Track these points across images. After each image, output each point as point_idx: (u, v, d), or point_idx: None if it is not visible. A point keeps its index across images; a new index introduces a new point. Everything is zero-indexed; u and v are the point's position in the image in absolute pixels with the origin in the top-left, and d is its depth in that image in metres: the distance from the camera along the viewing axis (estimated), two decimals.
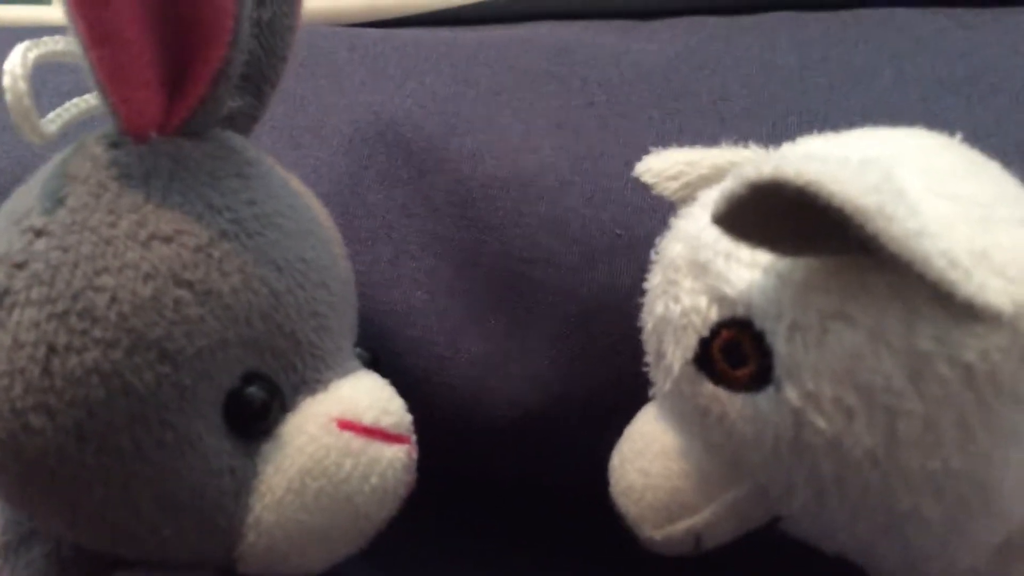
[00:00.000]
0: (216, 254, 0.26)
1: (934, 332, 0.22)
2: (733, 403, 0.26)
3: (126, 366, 0.24)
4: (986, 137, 0.38)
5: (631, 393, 0.32)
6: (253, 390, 0.27)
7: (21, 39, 0.28)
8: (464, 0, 0.49)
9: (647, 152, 0.33)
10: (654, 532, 0.28)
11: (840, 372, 0.23)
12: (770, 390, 0.25)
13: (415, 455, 0.30)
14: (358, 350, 0.31)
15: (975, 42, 0.43)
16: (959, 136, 0.28)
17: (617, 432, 0.32)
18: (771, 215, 0.23)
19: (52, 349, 0.24)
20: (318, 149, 0.41)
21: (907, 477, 0.23)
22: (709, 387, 0.26)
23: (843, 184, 0.21)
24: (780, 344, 0.24)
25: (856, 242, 0.22)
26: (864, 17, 0.46)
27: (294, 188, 0.30)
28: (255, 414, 0.27)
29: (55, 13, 0.53)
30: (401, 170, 0.40)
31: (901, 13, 0.46)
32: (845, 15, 0.46)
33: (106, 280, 0.25)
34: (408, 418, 0.30)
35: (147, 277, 0.25)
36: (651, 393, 0.30)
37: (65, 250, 0.25)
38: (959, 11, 0.45)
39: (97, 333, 0.24)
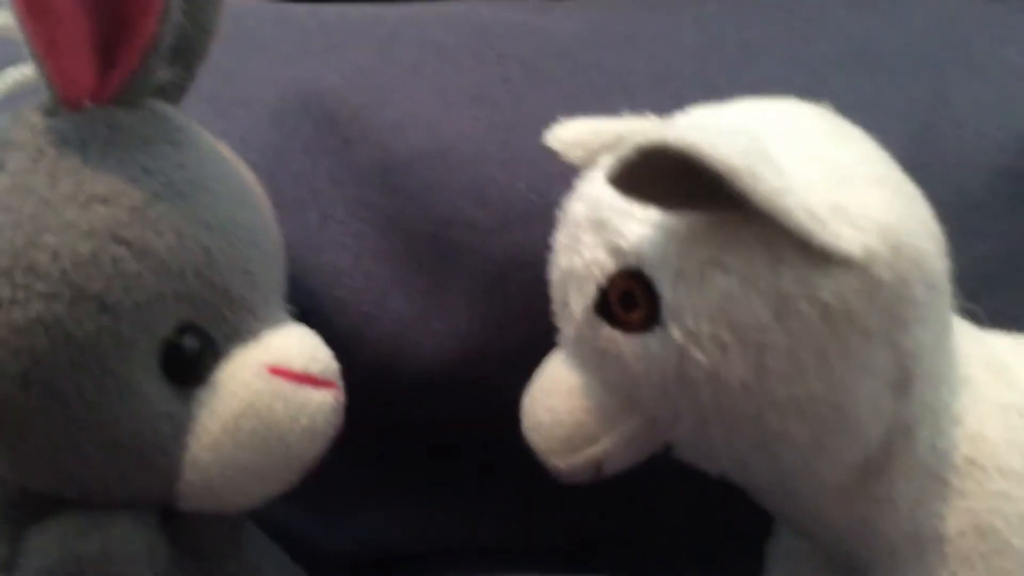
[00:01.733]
0: (151, 214, 0.28)
1: (796, 276, 0.26)
2: (628, 344, 0.29)
3: (68, 317, 0.26)
4: (871, 109, 0.41)
5: (543, 343, 0.35)
6: (187, 340, 0.29)
7: None
8: None
9: (558, 123, 0.36)
10: (560, 461, 0.31)
11: (716, 312, 0.26)
12: (658, 331, 0.28)
13: (342, 399, 0.32)
14: (288, 307, 0.33)
15: (860, 21, 0.46)
16: (834, 108, 0.31)
17: (529, 378, 0.34)
18: (658, 176, 0.26)
19: None
20: (245, 120, 0.42)
21: (775, 403, 0.27)
22: (607, 330, 0.29)
23: (717, 148, 0.24)
24: (666, 290, 0.27)
25: (730, 199, 0.25)
26: None
27: (224, 154, 0.32)
28: (190, 362, 0.29)
29: None
30: (327, 140, 0.42)
31: None
32: None
33: (48, 238, 0.26)
34: (335, 365, 0.32)
35: (86, 235, 0.27)
36: (558, 339, 0.33)
37: (8, 211, 0.27)
38: None
39: (40, 287, 0.26)
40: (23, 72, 0.30)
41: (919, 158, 0.31)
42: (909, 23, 0.46)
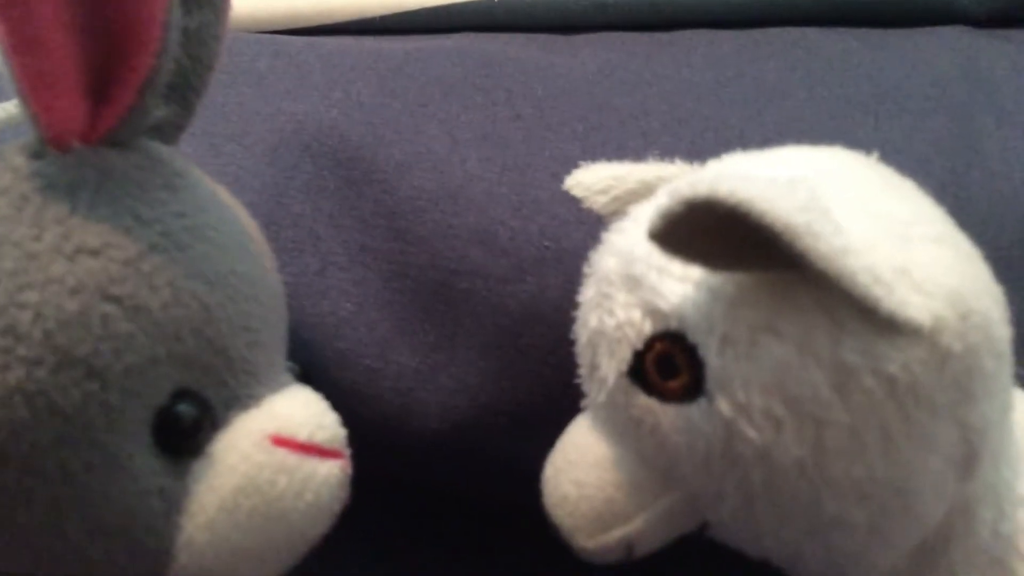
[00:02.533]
0: (145, 268, 0.25)
1: (859, 345, 0.23)
2: (666, 414, 0.26)
3: (52, 385, 0.24)
4: (893, 153, 0.39)
5: (559, 403, 0.32)
6: (183, 407, 0.26)
7: None
8: (387, 9, 0.48)
9: (573, 164, 0.34)
10: (587, 542, 0.29)
11: (769, 384, 0.24)
12: (702, 401, 0.25)
13: (349, 471, 0.29)
14: (289, 364, 0.31)
15: (881, 62, 0.45)
16: (874, 155, 0.29)
17: (546, 442, 0.32)
18: (704, 231, 0.24)
19: None
20: (241, 158, 0.40)
21: (833, 484, 0.24)
22: (643, 398, 0.27)
23: (773, 203, 0.22)
24: (712, 356, 0.25)
25: (784, 258, 0.23)
26: (774, 36, 0.48)
27: (223, 200, 0.29)
28: (185, 432, 0.26)
29: None
30: (327, 180, 0.40)
31: (810, 32, 0.48)
32: (756, 33, 0.48)
33: (30, 296, 0.24)
34: (342, 432, 0.29)
35: (73, 292, 0.24)
36: (583, 404, 0.30)
37: None
38: (866, 31, 0.47)
39: (21, 351, 0.23)
40: (6, 109, 0.28)
41: (950, 209, 0.29)
42: (934, 65, 0.44)
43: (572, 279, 0.32)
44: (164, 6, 0.25)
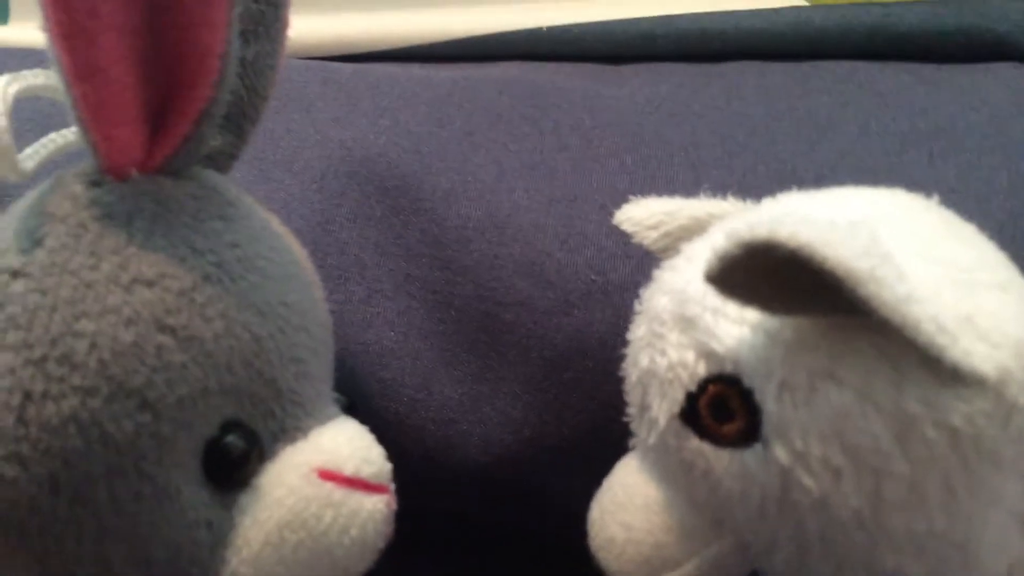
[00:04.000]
0: (199, 299, 0.25)
1: (921, 395, 0.23)
2: (719, 459, 0.26)
3: (105, 415, 0.24)
4: (948, 192, 0.39)
5: (604, 439, 0.32)
6: (232, 439, 0.26)
7: None
8: (436, 37, 0.49)
9: (621, 197, 0.33)
10: None
11: (828, 432, 0.23)
12: (757, 447, 0.25)
13: (395, 505, 0.29)
14: (336, 395, 0.30)
15: (936, 98, 0.44)
16: (934, 197, 0.29)
17: (590, 479, 0.32)
18: (762, 274, 0.23)
19: (28, 396, 0.23)
20: (289, 184, 0.40)
21: (892, 537, 0.24)
22: (695, 442, 0.26)
23: (835, 248, 0.21)
24: (769, 402, 0.25)
25: (845, 303, 0.22)
26: (825, 69, 0.47)
27: (275, 229, 0.29)
28: (234, 464, 0.26)
29: (14, 33, 0.52)
30: (374, 208, 0.40)
31: (862, 67, 0.47)
32: (806, 67, 0.48)
33: (86, 325, 0.24)
34: (388, 467, 0.29)
35: (129, 322, 0.24)
36: (632, 444, 0.30)
37: (44, 293, 0.24)
38: (919, 66, 0.47)
39: (76, 380, 0.23)
40: (66, 137, 0.28)
41: (1008, 251, 0.28)
42: (989, 102, 0.43)
43: (618, 313, 0.32)
44: (224, 37, 0.26)
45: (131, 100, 0.25)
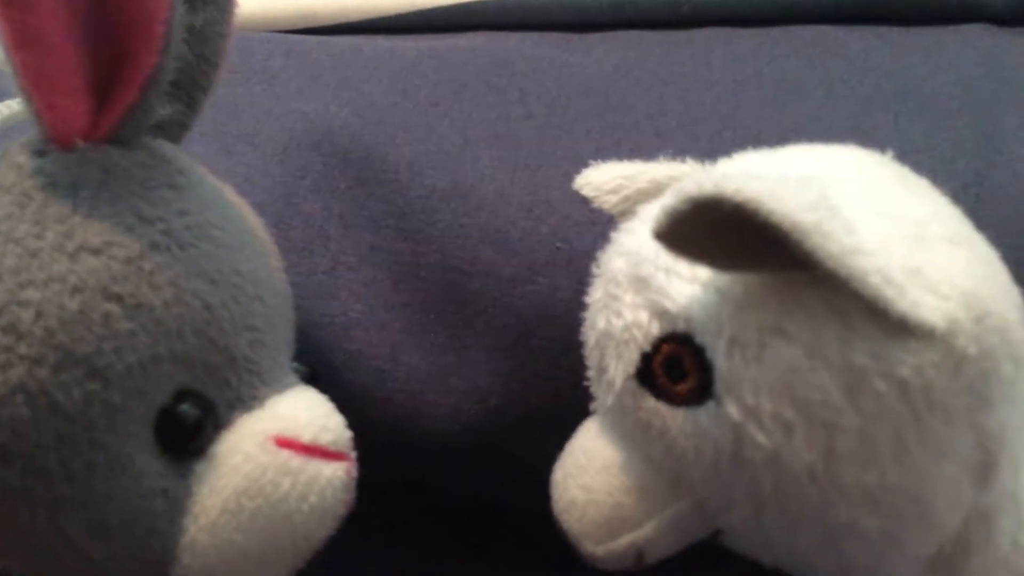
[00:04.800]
0: (147, 267, 0.25)
1: (870, 348, 0.23)
2: (674, 418, 0.26)
3: (53, 383, 0.23)
4: (913, 153, 0.39)
5: (571, 406, 0.32)
6: (186, 407, 0.26)
7: None
8: (400, 8, 0.48)
9: (586, 165, 0.33)
10: (596, 548, 0.28)
11: (778, 387, 0.24)
12: (710, 405, 0.25)
13: (355, 473, 0.29)
14: (295, 365, 0.30)
15: (903, 60, 0.44)
16: (890, 153, 0.29)
17: (557, 445, 0.32)
18: (710, 231, 0.23)
19: None
20: (252, 157, 0.40)
21: (844, 491, 0.24)
22: (651, 402, 0.26)
23: (781, 201, 0.21)
24: (720, 359, 0.25)
25: (793, 258, 0.22)
26: (794, 34, 0.47)
27: (228, 199, 0.29)
28: (188, 432, 0.26)
29: None
30: (338, 180, 0.39)
31: (830, 31, 0.47)
32: (776, 31, 0.47)
33: (31, 294, 0.24)
34: (347, 435, 0.29)
35: (75, 290, 0.24)
36: (592, 408, 0.30)
37: None
38: (886, 29, 0.46)
39: (22, 349, 0.23)
40: (10, 107, 0.28)
41: (971, 209, 0.28)
42: (957, 64, 0.43)
43: (584, 280, 0.32)
44: (167, 3, 0.25)
45: (74, 68, 0.25)
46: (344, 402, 0.30)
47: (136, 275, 0.25)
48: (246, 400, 0.27)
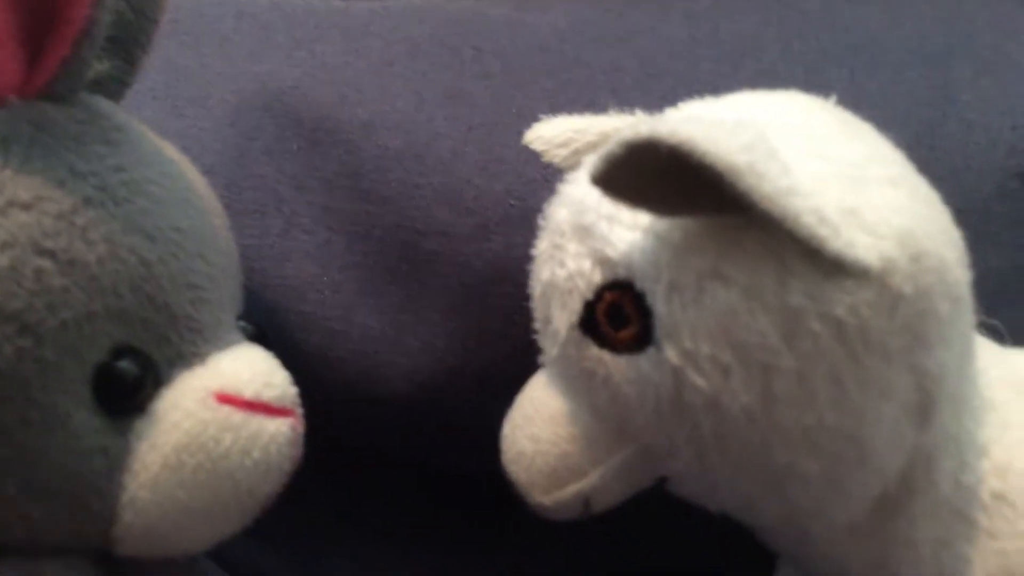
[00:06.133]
0: (80, 221, 0.25)
1: (805, 288, 0.23)
2: (617, 365, 0.26)
3: None
4: (870, 107, 0.38)
5: (526, 363, 0.32)
6: (124, 364, 0.26)
7: None
8: None
9: (539, 122, 0.33)
10: (543, 497, 0.28)
11: (716, 330, 0.23)
12: (651, 351, 0.25)
13: (301, 428, 0.29)
14: (242, 323, 0.30)
15: (859, 15, 0.43)
16: (834, 100, 0.29)
17: (512, 403, 0.32)
18: (648, 175, 0.23)
19: None
20: (203, 119, 0.39)
21: (783, 433, 0.24)
22: (594, 350, 0.26)
23: (715, 143, 0.21)
24: (659, 304, 0.24)
25: (730, 201, 0.22)
26: None
27: (168, 155, 0.29)
28: (127, 389, 0.26)
29: None
30: (290, 141, 0.39)
31: None
32: None
33: None
34: (292, 390, 0.29)
35: (4, 246, 0.24)
36: (541, 360, 0.30)
37: None
38: None
39: None
40: None
41: (924, 160, 0.28)
42: (912, 17, 0.43)
43: (538, 238, 0.31)
44: None
45: (4, 22, 0.25)
46: (297, 364, 0.30)
47: (68, 230, 0.24)
48: (187, 357, 0.27)
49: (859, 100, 0.30)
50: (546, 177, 0.37)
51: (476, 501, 0.40)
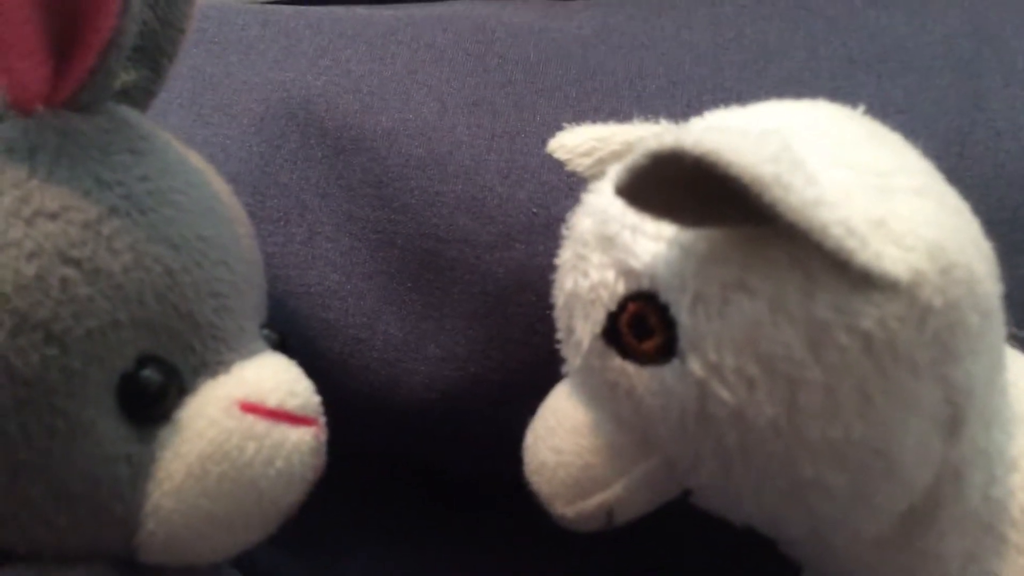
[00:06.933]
0: (105, 231, 0.25)
1: (832, 301, 0.23)
2: (640, 376, 0.26)
3: (10, 348, 0.23)
4: (896, 114, 0.38)
5: (547, 372, 0.32)
6: (148, 373, 0.26)
7: None
8: None
9: (563, 130, 0.33)
10: (566, 509, 0.28)
11: (741, 342, 0.23)
12: (675, 362, 0.25)
13: (323, 437, 0.29)
14: (265, 331, 0.30)
15: (884, 21, 0.43)
16: (862, 110, 0.28)
17: (534, 412, 0.31)
18: (672, 186, 0.23)
19: None
20: (228, 128, 0.39)
21: (809, 446, 0.24)
22: (617, 361, 0.26)
23: (741, 154, 0.21)
24: (683, 316, 0.24)
25: (756, 212, 0.22)
26: None
27: (193, 164, 0.29)
28: (151, 398, 0.26)
29: None
30: (315, 149, 0.39)
31: None
32: None
33: None
34: (315, 399, 0.29)
35: (31, 255, 0.24)
36: (563, 370, 0.30)
37: None
38: None
39: None
40: None
41: (953, 169, 0.28)
42: (940, 22, 0.42)
43: (560, 246, 0.31)
44: None
45: (31, 32, 0.25)
46: (321, 371, 0.30)
47: (94, 239, 0.25)
48: (211, 366, 0.27)
49: (886, 108, 0.30)
50: (569, 185, 0.37)
51: (495, 508, 0.40)
